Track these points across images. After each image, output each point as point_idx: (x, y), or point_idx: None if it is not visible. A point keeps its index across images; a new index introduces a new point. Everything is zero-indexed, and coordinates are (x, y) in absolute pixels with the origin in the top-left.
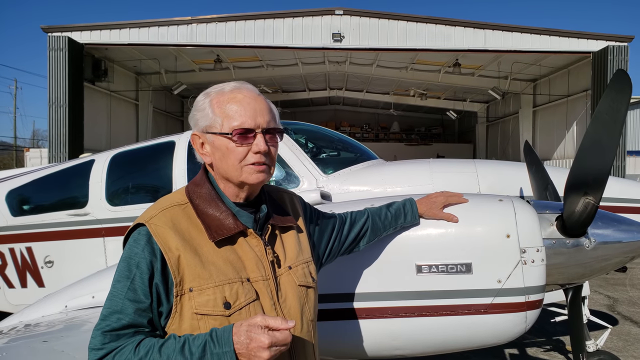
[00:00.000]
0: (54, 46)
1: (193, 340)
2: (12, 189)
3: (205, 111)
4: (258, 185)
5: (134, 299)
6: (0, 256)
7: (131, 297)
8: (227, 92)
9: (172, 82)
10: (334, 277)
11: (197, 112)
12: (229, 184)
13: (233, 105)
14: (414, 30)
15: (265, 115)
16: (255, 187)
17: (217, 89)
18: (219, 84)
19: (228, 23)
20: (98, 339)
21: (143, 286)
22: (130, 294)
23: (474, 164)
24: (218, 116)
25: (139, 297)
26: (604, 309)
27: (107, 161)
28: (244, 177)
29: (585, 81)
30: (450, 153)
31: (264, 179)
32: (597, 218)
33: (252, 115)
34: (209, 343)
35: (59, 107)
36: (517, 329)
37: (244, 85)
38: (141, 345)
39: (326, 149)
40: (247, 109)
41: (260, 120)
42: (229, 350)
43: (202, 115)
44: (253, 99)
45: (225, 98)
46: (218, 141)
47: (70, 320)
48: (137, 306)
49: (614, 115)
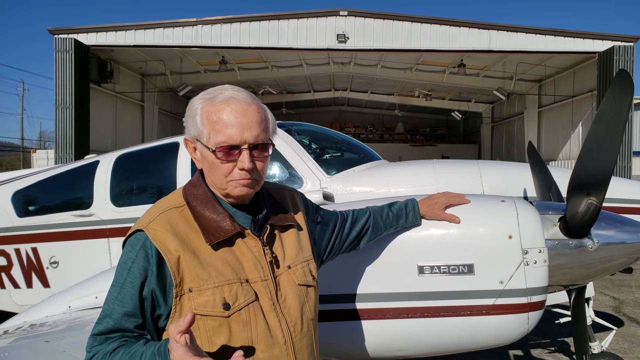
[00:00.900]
0: (60, 48)
1: (148, 350)
2: (18, 189)
3: (195, 119)
4: (244, 197)
5: (121, 304)
6: (6, 257)
7: (119, 302)
8: (217, 103)
9: (177, 84)
10: (335, 278)
11: (189, 118)
12: (217, 190)
13: (221, 118)
14: (418, 31)
15: (253, 129)
16: (241, 198)
17: (209, 96)
18: (216, 86)
19: (233, 24)
20: (89, 341)
21: (133, 291)
22: (119, 299)
23: (477, 164)
24: (205, 127)
25: (126, 302)
26: (610, 311)
27: (111, 162)
28: (229, 190)
29: (591, 81)
30: (455, 154)
31: (248, 193)
32: (601, 219)
33: (239, 130)
34: (155, 356)
35: (65, 108)
36: (520, 330)
37: (237, 94)
38: (117, 349)
39: (330, 150)
40: (233, 123)
41: (247, 135)
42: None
43: (192, 123)
44: (241, 113)
45: (214, 109)
46: (205, 152)
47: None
48: (123, 310)
49: (617, 115)
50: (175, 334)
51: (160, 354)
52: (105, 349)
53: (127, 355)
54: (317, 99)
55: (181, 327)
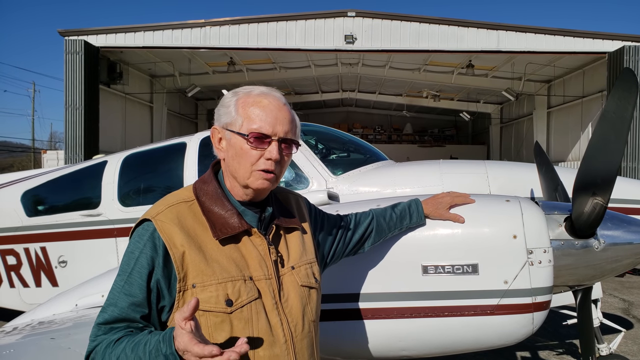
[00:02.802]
0: (70, 49)
1: (153, 338)
2: (27, 189)
3: (229, 108)
4: (261, 191)
5: (129, 293)
6: (16, 256)
7: (126, 291)
8: (254, 95)
9: (186, 85)
10: (340, 277)
11: (222, 108)
12: (236, 183)
13: (256, 108)
14: (426, 32)
15: (285, 125)
16: (258, 192)
17: (245, 90)
18: (247, 85)
19: (241, 26)
20: (93, 330)
21: (140, 281)
22: (126, 288)
23: (484, 165)
24: (240, 116)
25: (134, 292)
26: (619, 313)
27: (119, 162)
28: (250, 180)
29: (601, 82)
30: (464, 155)
31: (267, 187)
32: (607, 219)
33: (272, 122)
34: (159, 343)
35: (75, 109)
36: (524, 330)
37: (273, 92)
38: (121, 339)
39: (336, 150)
40: (268, 115)
41: (279, 128)
42: (171, 352)
43: (225, 112)
44: (277, 107)
45: (250, 100)
46: (234, 139)
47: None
48: (131, 300)
49: (622, 114)
50: (180, 320)
51: (165, 341)
52: (110, 338)
53: (131, 344)
54: (325, 99)
55: (185, 313)
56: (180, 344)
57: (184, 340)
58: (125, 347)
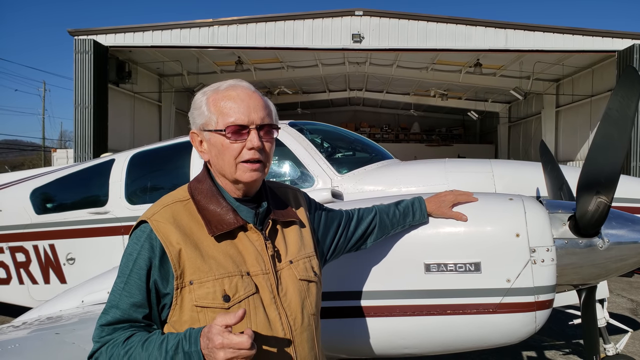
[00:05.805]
0: (80, 49)
1: (172, 337)
2: (36, 187)
3: (201, 109)
4: (252, 183)
5: (129, 294)
6: (25, 253)
7: (127, 293)
8: (222, 90)
9: (194, 84)
10: (342, 275)
11: (194, 110)
12: (226, 180)
13: (227, 102)
14: (434, 31)
15: (259, 111)
16: (250, 185)
17: (213, 88)
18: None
19: (249, 25)
20: (97, 332)
21: (139, 282)
22: (127, 289)
23: (489, 163)
24: (213, 113)
25: (133, 293)
26: (627, 313)
27: (126, 161)
28: (237, 174)
29: (610, 81)
30: (472, 154)
31: (257, 177)
32: (611, 218)
33: (246, 112)
34: (181, 341)
35: (84, 108)
36: (527, 329)
37: (239, 82)
38: (130, 339)
39: (341, 149)
40: (240, 105)
41: (254, 116)
42: (195, 350)
43: (198, 113)
44: (247, 96)
45: (220, 96)
46: (214, 138)
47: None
48: (132, 301)
49: (624, 113)
50: (221, 323)
51: (187, 338)
52: (117, 338)
53: (141, 342)
54: (332, 99)
55: (230, 320)
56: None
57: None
58: (135, 345)
